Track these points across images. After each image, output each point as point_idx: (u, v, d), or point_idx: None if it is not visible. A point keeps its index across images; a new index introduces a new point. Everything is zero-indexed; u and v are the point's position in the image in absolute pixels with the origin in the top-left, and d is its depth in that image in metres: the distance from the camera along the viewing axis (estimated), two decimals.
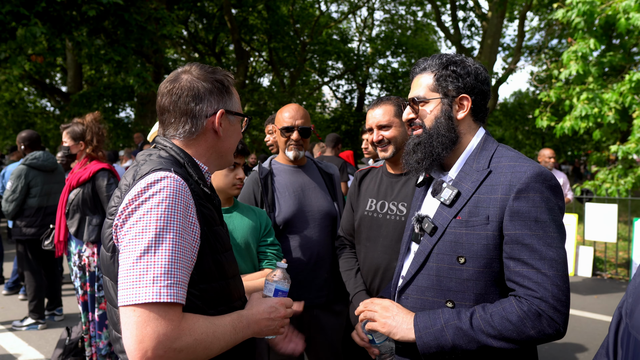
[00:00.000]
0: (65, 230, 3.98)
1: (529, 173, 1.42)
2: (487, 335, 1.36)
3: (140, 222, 1.20)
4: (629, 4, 6.72)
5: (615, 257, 7.97)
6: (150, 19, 10.68)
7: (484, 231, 1.45)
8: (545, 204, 1.40)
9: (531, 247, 1.37)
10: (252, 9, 18.89)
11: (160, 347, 1.14)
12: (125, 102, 18.86)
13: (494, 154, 1.55)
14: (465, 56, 1.65)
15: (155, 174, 1.26)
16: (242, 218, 2.32)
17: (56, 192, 5.22)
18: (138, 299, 1.15)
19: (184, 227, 1.24)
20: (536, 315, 1.33)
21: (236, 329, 1.34)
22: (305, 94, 23.71)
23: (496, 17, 17.32)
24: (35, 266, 5.19)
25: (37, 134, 5.32)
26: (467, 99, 1.58)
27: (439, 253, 1.52)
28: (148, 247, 1.18)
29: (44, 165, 5.08)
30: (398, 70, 24.18)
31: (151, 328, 1.14)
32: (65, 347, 3.95)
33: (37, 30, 8.58)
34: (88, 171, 3.91)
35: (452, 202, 1.53)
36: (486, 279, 1.46)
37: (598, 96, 7.51)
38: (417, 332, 1.44)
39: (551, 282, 1.34)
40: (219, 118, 1.42)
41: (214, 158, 1.49)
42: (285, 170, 2.67)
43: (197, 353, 1.22)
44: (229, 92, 1.46)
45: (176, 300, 1.17)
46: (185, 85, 1.40)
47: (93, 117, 4.02)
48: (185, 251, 1.23)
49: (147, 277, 1.16)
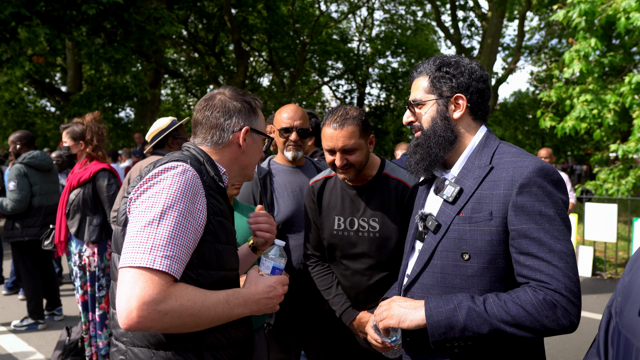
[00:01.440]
0: (66, 230, 3.98)
1: (531, 168, 1.42)
2: (501, 321, 1.35)
3: (150, 198, 1.34)
4: (629, 4, 6.72)
5: (615, 257, 7.97)
6: (150, 19, 10.67)
7: (488, 227, 1.45)
8: (549, 198, 1.40)
9: (539, 241, 1.37)
10: (252, 8, 18.89)
11: (145, 307, 1.22)
12: (125, 102, 18.86)
13: (496, 150, 1.56)
14: (463, 56, 1.67)
15: (172, 163, 1.42)
16: (241, 218, 2.33)
17: (53, 192, 5.18)
18: (133, 262, 1.25)
19: (189, 210, 1.35)
20: (551, 306, 1.33)
21: (230, 304, 1.40)
22: (305, 94, 23.70)
23: (496, 17, 17.32)
24: (31, 268, 5.15)
25: (31, 134, 5.25)
26: (462, 98, 1.59)
27: (443, 250, 1.53)
28: (152, 220, 1.30)
29: (41, 164, 5.04)
30: (398, 70, 24.17)
31: (139, 288, 1.23)
32: (65, 347, 3.96)
33: (39, 31, 8.58)
34: (88, 171, 3.91)
35: (454, 199, 1.53)
36: (491, 275, 1.46)
37: (597, 97, 7.51)
38: (427, 311, 1.43)
39: (563, 274, 1.34)
40: (244, 134, 1.59)
41: (235, 169, 1.64)
42: (284, 171, 2.67)
43: (183, 318, 1.28)
44: (255, 113, 1.64)
45: (167, 271, 1.26)
46: (218, 103, 1.59)
47: (93, 117, 4.02)
48: (186, 232, 1.33)
49: (147, 245, 1.27)
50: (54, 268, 5.56)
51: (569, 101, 8.08)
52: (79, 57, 13.52)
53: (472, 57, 20.25)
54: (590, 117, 7.55)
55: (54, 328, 5.14)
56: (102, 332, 3.88)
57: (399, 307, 1.52)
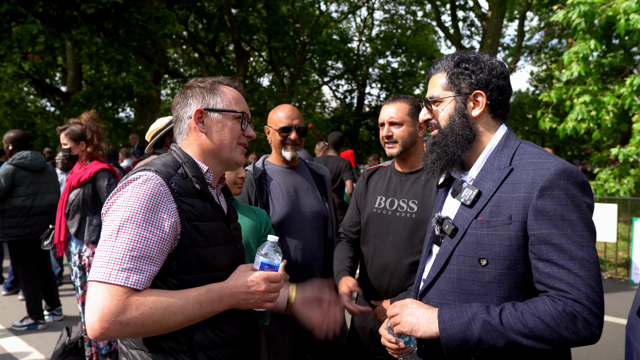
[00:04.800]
0: (66, 230, 3.98)
1: (552, 169, 1.35)
2: (518, 333, 1.30)
3: (113, 212, 1.37)
4: (629, 5, 6.72)
5: (615, 257, 7.96)
6: (151, 18, 10.66)
7: (507, 231, 1.39)
8: (571, 202, 1.33)
9: (560, 247, 1.31)
10: (252, 8, 18.89)
11: (104, 319, 1.26)
12: (125, 102, 18.86)
13: (516, 151, 1.49)
14: (483, 53, 1.61)
15: (137, 173, 1.42)
16: (242, 218, 2.33)
17: (44, 193, 5.13)
18: (93, 277, 1.30)
19: (149, 220, 1.35)
20: (571, 317, 1.27)
21: (201, 303, 1.40)
22: (305, 93, 23.70)
23: (496, 17, 17.32)
24: (28, 268, 5.13)
25: (25, 134, 5.21)
26: (482, 95, 1.53)
27: (459, 255, 1.48)
28: (111, 234, 1.33)
29: (32, 165, 5.00)
30: (398, 70, 24.19)
31: (98, 302, 1.27)
32: (65, 347, 3.95)
33: (33, 28, 8.53)
34: (88, 171, 3.90)
35: (472, 202, 1.48)
36: (510, 282, 1.40)
37: (596, 99, 7.51)
38: (441, 324, 1.38)
39: (584, 283, 1.28)
40: (196, 116, 1.54)
41: (210, 157, 1.58)
42: (279, 171, 2.66)
43: (147, 326, 1.31)
44: (213, 91, 1.57)
45: (123, 284, 1.29)
46: (180, 96, 1.59)
47: (89, 116, 4.00)
48: (147, 242, 1.34)
49: (104, 259, 1.31)
50: (52, 268, 5.54)
51: (569, 102, 8.09)
52: (79, 57, 13.51)
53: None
54: (588, 118, 7.55)
55: (54, 328, 5.14)
56: None
57: (412, 316, 1.46)
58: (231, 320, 1.52)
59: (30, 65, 16.46)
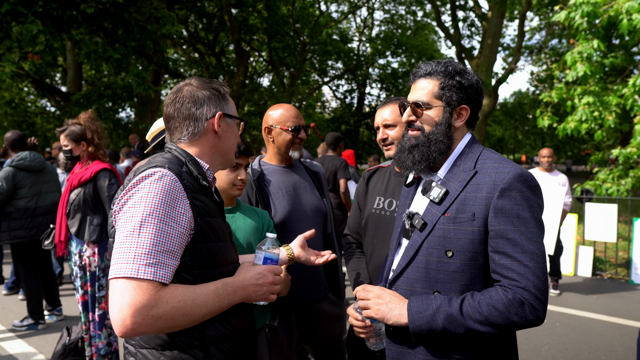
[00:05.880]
0: (66, 230, 3.97)
1: (512, 174, 1.53)
2: (475, 321, 1.48)
3: (131, 208, 1.37)
4: (632, 5, 6.72)
5: (615, 257, 7.97)
6: (151, 18, 10.66)
7: (470, 227, 1.56)
8: (526, 202, 1.51)
9: (514, 241, 1.49)
10: (252, 8, 18.89)
11: (137, 314, 1.27)
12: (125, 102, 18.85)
13: (480, 155, 1.67)
14: (467, 65, 1.73)
15: (150, 170, 1.44)
16: (244, 219, 2.33)
17: (46, 192, 5.14)
18: (119, 273, 1.30)
19: (170, 215, 1.38)
20: (519, 303, 1.44)
21: (220, 296, 1.45)
22: (305, 94, 23.69)
23: (496, 17, 17.32)
24: (30, 268, 5.14)
25: (21, 135, 5.21)
26: (467, 110, 1.70)
27: (428, 247, 1.63)
28: (133, 230, 1.33)
29: (32, 165, 5.00)
30: (398, 70, 24.20)
31: (129, 297, 1.27)
32: (65, 347, 3.95)
33: (33, 28, 8.52)
34: (89, 171, 3.90)
35: (440, 200, 1.64)
36: (472, 271, 1.57)
37: (599, 99, 7.51)
38: (410, 316, 1.55)
39: (532, 273, 1.46)
40: (218, 119, 1.60)
41: (217, 157, 1.65)
42: (277, 171, 2.68)
43: (177, 319, 1.34)
44: (225, 98, 1.66)
45: (153, 278, 1.30)
46: (187, 94, 1.60)
47: (87, 116, 3.99)
48: (169, 237, 1.36)
49: (130, 255, 1.31)
50: (53, 268, 5.54)
51: (570, 102, 8.08)
52: (79, 57, 13.50)
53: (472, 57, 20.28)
54: (591, 119, 7.55)
55: (54, 328, 5.14)
56: (102, 332, 3.88)
57: (384, 305, 1.62)
58: (237, 313, 1.58)
59: (30, 65, 16.46)
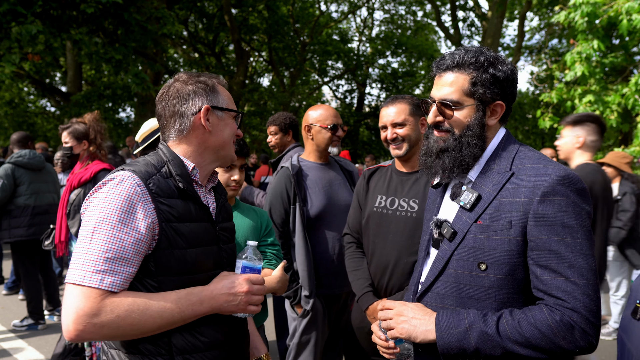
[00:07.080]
0: (67, 230, 3.97)
1: (554, 175, 1.34)
2: (515, 343, 1.29)
3: (89, 214, 1.37)
4: (632, 6, 6.71)
5: None
6: (151, 19, 10.65)
7: (507, 236, 1.37)
8: (572, 209, 1.32)
9: (559, 254, 1.30)
10: (252, 9, 18.88)
11: (80, 321, 1.26)
12: (125, 102, 18.85)
13: (516, 155, 1.46)
14: (501, 52, 1.56)
15: (113, 174, 1.41)
16: (242, 218, 2.33)
17: (45, 192, 5.14)
18: (69, 279, 1.30)
19: (124, 221, 1.33)
20: (569, 326, 1.26)
21: (181, 307, 1.38)
22: (305, 94, 23.70)
23: (496, 17, 17.31)
24: (31, 268, 5.12)
25: (24, 135, 5.23)
26: (502, 106, 1.49)
27: (458, 259, 1.45)
28: (86, 235, 1.33)
29: (30, 163, 5.00)
30: (398, 70, 24.19)
31: (73, 304, 1.27)
32: (65, 347, 3.94)
33: (33, 28, 8.51)
34: (89, 171, 3.89)
35: (472, 206, 1.45)
36: (509, 287, 1.38)
37: (600, 99, 7.49)
38: (438, 332, 1.37)
39: (582, 292, 1.27)
40: (205, 113, 1.52)
41: (208, 153, 1.56)
42: (314, 167, 2.89)
43: (123, 329, 1.31)
44: (214, 90, 1.56)
45: (97, 286, 1.28)
46: (172, 90, 1.54)
47: (93, 117, 4.01)
48: (122, 243, 1.32)
49: (79, 261, 1.31)
50: (53, 268, 5.54)
51: (570, 102, 8.07)
52: (79, 57, 13.49)
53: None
54: None
55: (54, 328, 5.13)
56: None
57: (407, 322, 1.44)
58: (214, 323, 1.48)
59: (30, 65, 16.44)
